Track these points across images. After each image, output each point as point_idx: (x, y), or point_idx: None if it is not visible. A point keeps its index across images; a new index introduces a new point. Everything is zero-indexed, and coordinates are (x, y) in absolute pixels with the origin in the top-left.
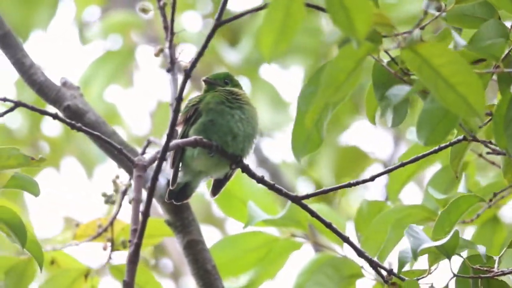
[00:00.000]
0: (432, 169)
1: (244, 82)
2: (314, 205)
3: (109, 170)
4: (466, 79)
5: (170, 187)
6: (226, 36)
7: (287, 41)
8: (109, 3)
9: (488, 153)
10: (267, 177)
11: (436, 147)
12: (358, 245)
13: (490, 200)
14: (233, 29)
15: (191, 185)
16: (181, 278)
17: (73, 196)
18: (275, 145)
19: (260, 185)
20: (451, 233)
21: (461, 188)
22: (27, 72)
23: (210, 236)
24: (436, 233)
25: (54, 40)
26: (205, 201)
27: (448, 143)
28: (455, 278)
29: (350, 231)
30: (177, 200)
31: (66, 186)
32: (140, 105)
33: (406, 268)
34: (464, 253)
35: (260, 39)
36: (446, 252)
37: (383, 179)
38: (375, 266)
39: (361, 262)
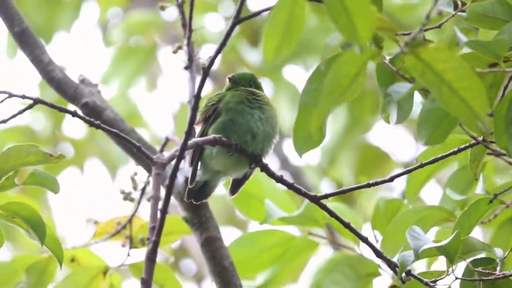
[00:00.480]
0: (452, 167)
1: (266, 83)
2: (331, 204)
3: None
4: (470, 84)
5: (189, 186)
6: (248, 36)
7: (289, 46)
8: (131, 3)
9: (488, 153)
10: (288, 178)
11: (455, 149)
12: (375, 244)
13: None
14: (254, 30)
15: (210, 184)
16: (204, 280)
17: (96, 197)
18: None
19: (278, 185)
20: (453, 235)
21: (479, 190)
22: (45, 69)
23: (233, 237)
24: None
25: (77, 41)
26: (227, 203)
27: (468, 144)
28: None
29: (368, 230)
30: (196, 200)
31: (90, 187)
32: (163, 107)
33: (423, 269)
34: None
35: (263, 44)
36: (447, 254)
37: (406, 179)
38: (393, 266)
39: (378, 260)
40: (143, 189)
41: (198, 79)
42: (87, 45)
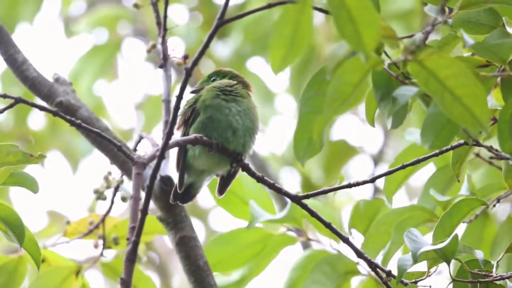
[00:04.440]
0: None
1: None
2: (307, 201)
3: (94, 165)
4: (472, 91)
5: (178, 190)
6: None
7: (296, 56)
8: None
9: (491, 157)
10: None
11: (437, 151)
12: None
13: (494, 205)
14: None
15: (195, 185)
16: (167, 272)
17: (58, 190)
18: (262, 137)
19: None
20: (451, 237)
21: (464, 190)
22: (20, 68)
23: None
24: (437, 236)
25: (40, 33)
26: None
27: (450, 146)
28: (453, 282)
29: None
30: (182, 201)
31: (51, 180)
32: (126, 98)
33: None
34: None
35: (270, 53)
36: (445, 256)
37: (370, 170)
38: (374, 267)
39: (357, 258)
40: (116, 188)
41: (172, 76)
42: (51, 36)
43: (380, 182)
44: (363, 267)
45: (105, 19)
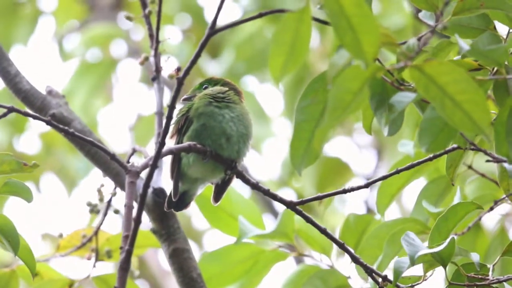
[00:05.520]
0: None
1: None
2: (297, 217)
3: (88, 188)
4: (472, 97)
5: (173, 199)
6: (207, 47)
7: (295, 64)
8: (89, 15)
9: (487, 161)
10: (249, 191)
11: (431, 155)
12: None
13: (491, 208)
14: (214, 41)
15: (189, 193)
16: None
17: (52, 213)
18: (258, 158)
19: (246, 197)
20: (448, 240)
21: (457, 200)
22: (13, 80)
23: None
24: (433, 240)
25: (35, 54)
26: (184, 214)
27: (443, 151)
28: (450, 285)
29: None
30: (177, 209)
31: (46, 202)
32: (120, 120)
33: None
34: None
35: (269, 61)
36: (441, 259)
37: (363, 192)
38: (370, 272)
39: (347, 272)
40: (109, 201)
41: (165, 89)
42: (45, 58)
43: (372, 201)
44: (353, 280)
45: (99, 38)
